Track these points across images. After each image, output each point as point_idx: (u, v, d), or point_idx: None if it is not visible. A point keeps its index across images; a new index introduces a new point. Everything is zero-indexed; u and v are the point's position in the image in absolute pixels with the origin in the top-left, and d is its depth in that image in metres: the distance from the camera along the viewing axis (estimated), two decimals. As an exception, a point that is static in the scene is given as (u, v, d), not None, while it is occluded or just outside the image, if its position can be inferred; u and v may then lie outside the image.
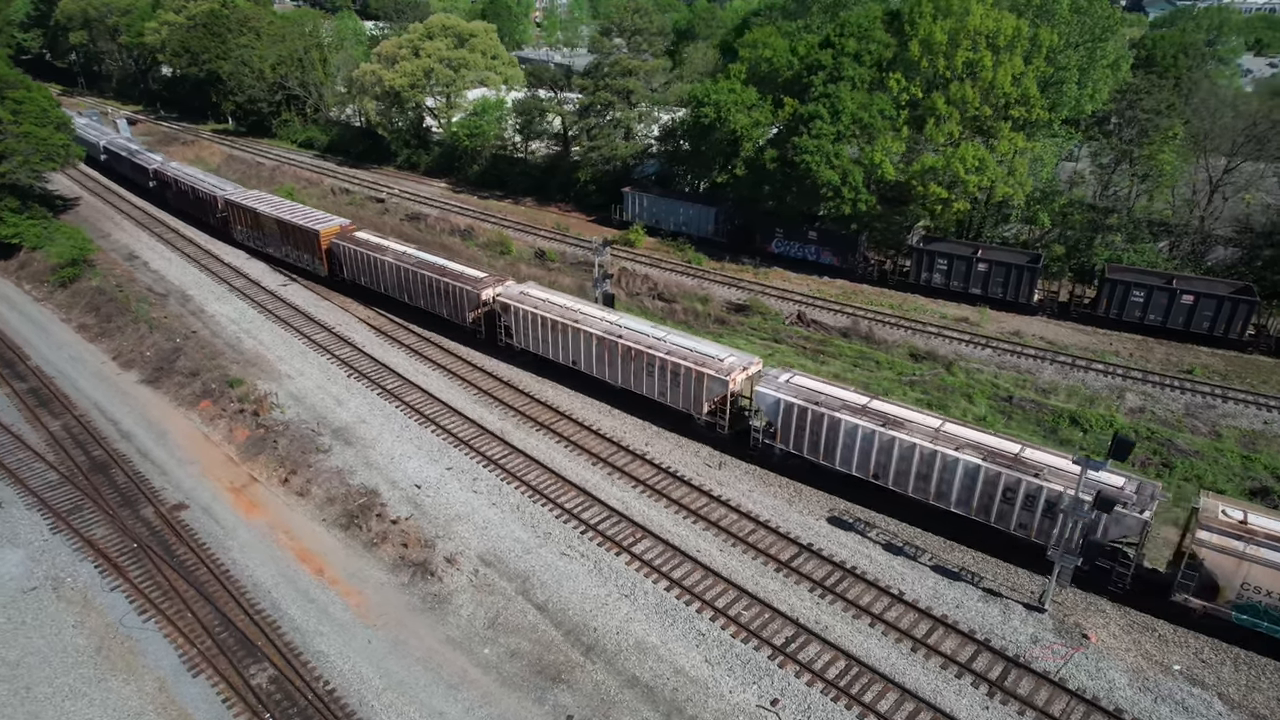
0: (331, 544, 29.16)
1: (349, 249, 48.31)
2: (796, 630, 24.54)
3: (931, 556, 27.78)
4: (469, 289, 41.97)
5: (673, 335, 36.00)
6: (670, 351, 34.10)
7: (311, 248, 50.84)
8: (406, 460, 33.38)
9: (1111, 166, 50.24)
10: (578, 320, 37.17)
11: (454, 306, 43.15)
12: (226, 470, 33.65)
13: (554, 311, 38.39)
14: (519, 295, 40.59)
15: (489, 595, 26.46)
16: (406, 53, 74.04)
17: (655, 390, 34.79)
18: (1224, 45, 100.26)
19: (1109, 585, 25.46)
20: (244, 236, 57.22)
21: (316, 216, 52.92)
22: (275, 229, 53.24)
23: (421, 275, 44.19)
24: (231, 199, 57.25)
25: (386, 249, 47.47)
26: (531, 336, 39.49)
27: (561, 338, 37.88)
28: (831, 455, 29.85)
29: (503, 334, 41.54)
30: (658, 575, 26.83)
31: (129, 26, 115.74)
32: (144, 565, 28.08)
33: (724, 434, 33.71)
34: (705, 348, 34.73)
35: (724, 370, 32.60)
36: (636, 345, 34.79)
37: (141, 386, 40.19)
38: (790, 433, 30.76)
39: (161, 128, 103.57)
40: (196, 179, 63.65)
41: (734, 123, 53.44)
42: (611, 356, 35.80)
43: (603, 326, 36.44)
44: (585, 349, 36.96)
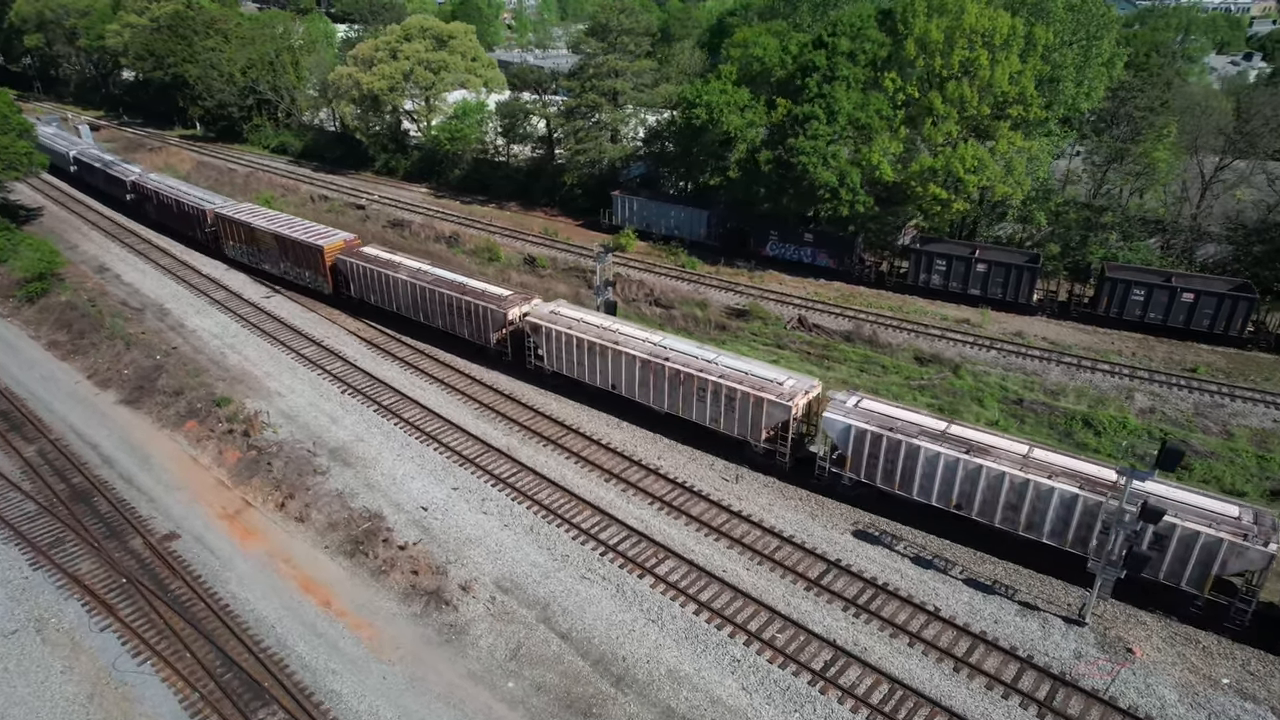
0: (337, 573, 27.64)
1: (357, 265, 45.58)
2: (835, 653, 23.61)
3: (962, 569, 27.04)
4: (494, 308, 39.54)
5: (724, 357, 33.67)
6: (724, 374, 31.82)
7: (314, 264, 48.07)
8: (410, 481, 31.92)
9: (1105, 165, 50.19)
10: (617, 341, 34.85)
11: (476, 327, 40.64)
12: (218, 495, 31.91)
13: (590, 332, 35.99)
14: (550, 315, 38.03)
15: (509, 624, 25.17)
16: (384, 55, 72.15)
17: (706, 416, 32.49)
18: (1193, 44, 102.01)
19: (1226, 623, 23.97)
20: (237, 253, 54.03)
21: (318, 230, 50.12)
22: (273, 244, 50.28)
23: (439, 294, 41.63)
24: (223, 213, 54.10)
25: (399, 265, 44.86)
26: (565, 359, 36.98)
27: (599, 360, 35.48)
28: (908, 485, 27.85)
29: (532, 356, 38.93)
30: (685, 598, 25.74)
31: (88, 29, 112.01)
32: (136, 602, 26.34)
33: (784, 463, 31.37)
34: (761, 370, 32.43)
35: (785, 394, 30.38)
36: (685, 368, 32.51)
37: (121, 407, 38.17)
38: (862, 461, 28.68)
39: (125, 134, 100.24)
40: (181, 191, 60.13)
41: (727, 124, 52.54)
42: (657, 380, 33.55)
43: (646, 348, 34.15)
44: (626, 372, 34.61)
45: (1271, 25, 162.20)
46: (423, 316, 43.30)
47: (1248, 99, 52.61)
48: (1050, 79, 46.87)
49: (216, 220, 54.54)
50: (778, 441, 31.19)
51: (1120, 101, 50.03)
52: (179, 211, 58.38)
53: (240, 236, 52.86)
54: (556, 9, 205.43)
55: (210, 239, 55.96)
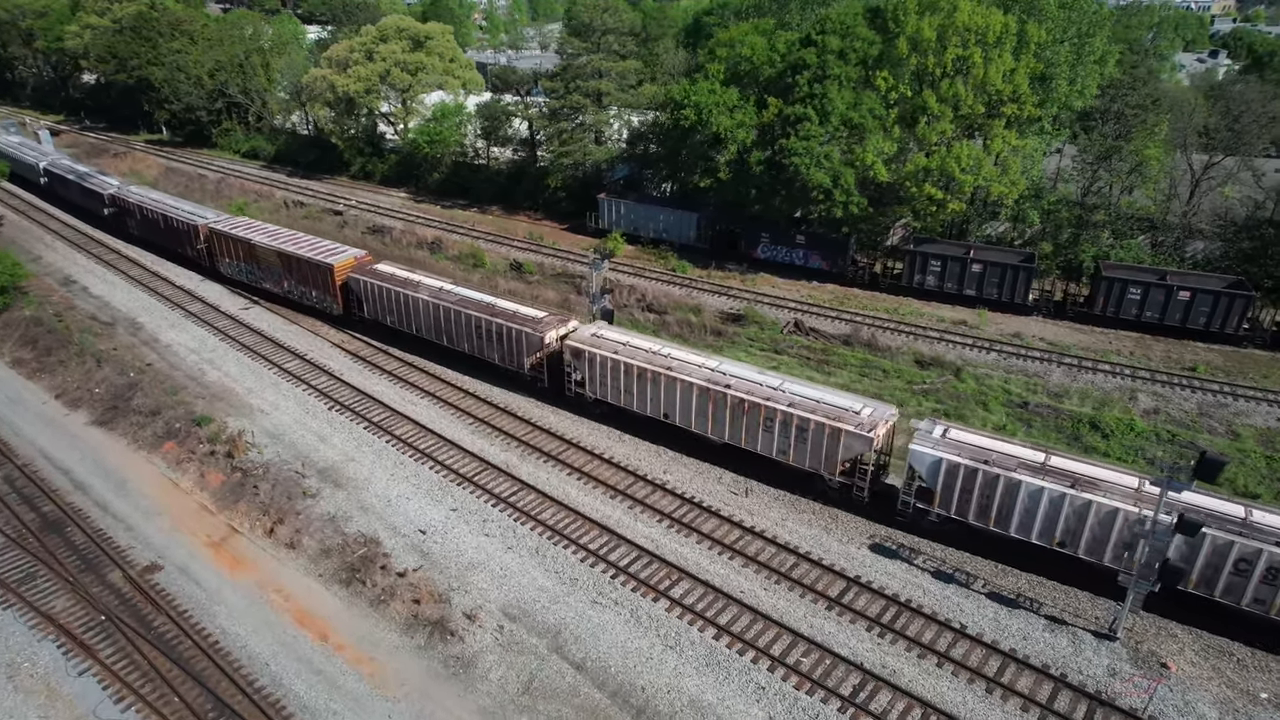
0: (333, 603, 26.16)
1: (371, 285, 42.55)
2: (863, 677, 22.66)
3: (985, 583, 26.25)
4: (528, 331, 36.58)
5: (790, 383, 31.07)
6: (793, 403, 29.39)
7: (323, 284, 44.85)
8: (405, 502, 30.47)
9: (1096, 163, 49.99)
10: (671, 368, 32.07)
11: (508, 351, 37.67)
12: (201, 521, 30.22)
13: (639, 357, 33.15)
14: (592, 338, 35.11)
15: (519, 655, 23.90)
16: (359, 56, 70.23)
17: (773, 448, 30.04)
18: (1162, 42, 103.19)
19: None
20: (234, 270, 50.45)
21: (325, 247, 46.98)
22: (275, 262, 46.95)
23: (466, 315, 38.60)
24: (218, 228, 50.44)
25: (419, 284, 41.64)
26: (611, 386, 34.08)
27: (651, 388, 32.63)
28: (1005, 522, 25.86)
29: (571, 383, 35.95)
30: (703, 621, 24.65)
31: (46, 30, 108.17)
32: (116, 642, 24.66)
33: (861, 497, 29.11)
34: (834, 398, 29.95)
35: (865, 425, 28.09)
36: (750, 397, 29.96)
37: (93, 429, 36.21)
38: (953, 497, 26.50)
39: (88, 139, 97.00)
40: (168, 205, 55.85)
41: (716, 125, 51.57)
42: (717, 409, 30.89)
43: (704, 374, 31.47)
44: (682, 400, 31.85)
45: (1232, 24, 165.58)
46: (446, 340, 40.35)
47: (1236, 96, 52.68)
48: (1043, 77, 46.54)
49: (211, 236, 51.01)
50: (855, 475, 28.88)
51: (1111, 99, 49.89)
52: (167, 227, 54.49)
53: (238, 253, 49.46)
54: (527, 9, 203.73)
55: (202, 256, 52.28)
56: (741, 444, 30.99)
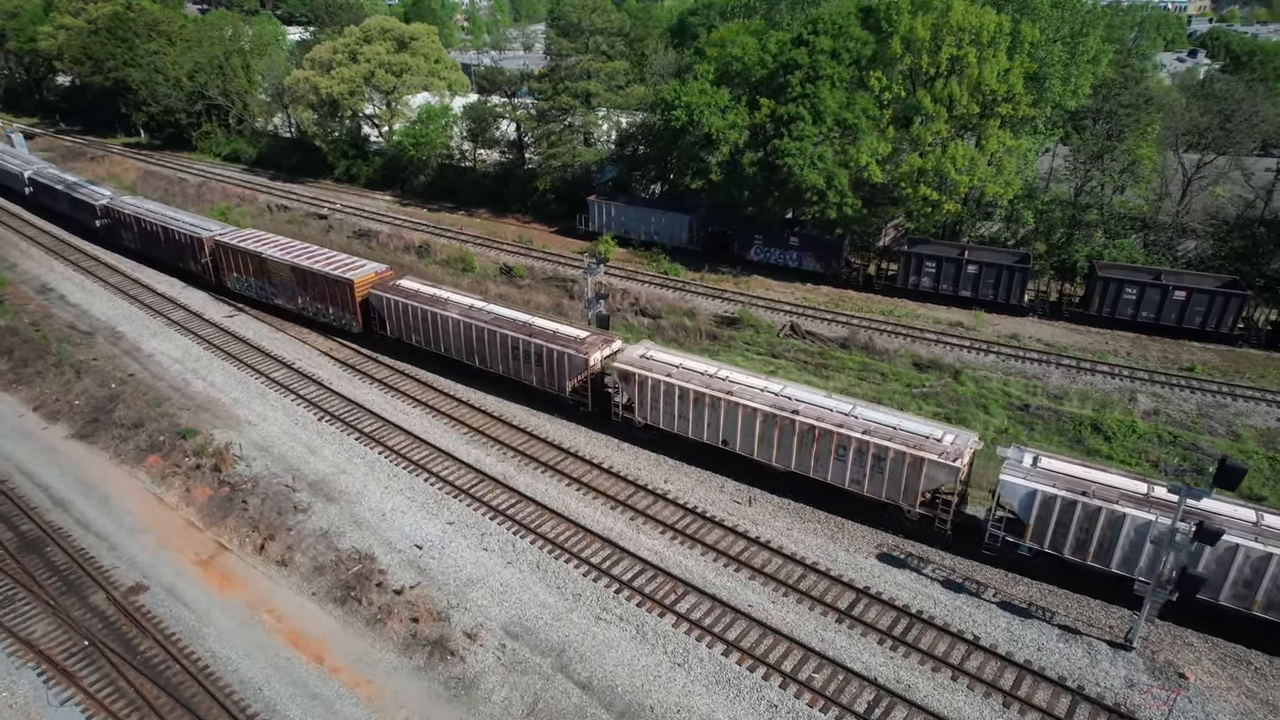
0: (327, 623, 25.27)
1: (395, 302, 40.31)
2: (878, 692, 22.09)
3: (995, 592, 25.79)
4: (571, 352, 34.51)
5: (862, 408, 29.27)
6: (869, 430, 27.69)
7: (342, 300, 42.59)
8: (400, 516, 29.60)
9: (1089, 162, 49.89)
10: (731, 391, 30.30)
11: (548, 373, 35.50)
12: (188, 538, 29.20)
13: (695, 380, 31.21)
14: (641, 360, 33.03)
15: (523, 675, 23.13)
16: (343, 57, 69.10)
17: (845, 478, 28.35)
18: (1145, 41, 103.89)
19: None
20: (242, 286, 47.93)
21: (343, 261, 44.60)
22: (289, 277, 44.59)
23: (501, 335, 36.45)
24: (224, 241, 47.98)
25: (448, 302, 39.50)
26: (663, 411, 32.07)
27: (708, 412, 30.71)
28: (1106, 556, 24.49)
29: (619, 407, 33.81)
30: (711, 637, 23.98)
31: (18, 31, 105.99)
32: (100, 668, 23.62)
33: (943, 530, 27.50)
34: (911, 424, 28.21)
35: (949, 453, 26.49)
36: (820, 423, 28.21)
37: (73, 442, 35.02)
38: (1047, 530, 24.98)
39: (63, 142, 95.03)
40: (167, 217, 52.92)
41: (708, 125, 51.00)
42: (783, 436, 29.11)
43: (768, 399, 29.68)
44: (744, 426, 29.99)
45: (1208, 23, 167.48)
46: (478, 360, 38.12)
47: (1228, 96, 52.79)
48: (1037, 76, 46.34)
49: (217, 249, 48.44)
50: (937, 506, 27.43)
51: (1104, 98, 49.80)
52: (167, 240, 51.53)
53: (247, 268, 46.92)
54: (509, 10, 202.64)
55: (206, 270, 49.55)
56: (809, 473, 29.15)
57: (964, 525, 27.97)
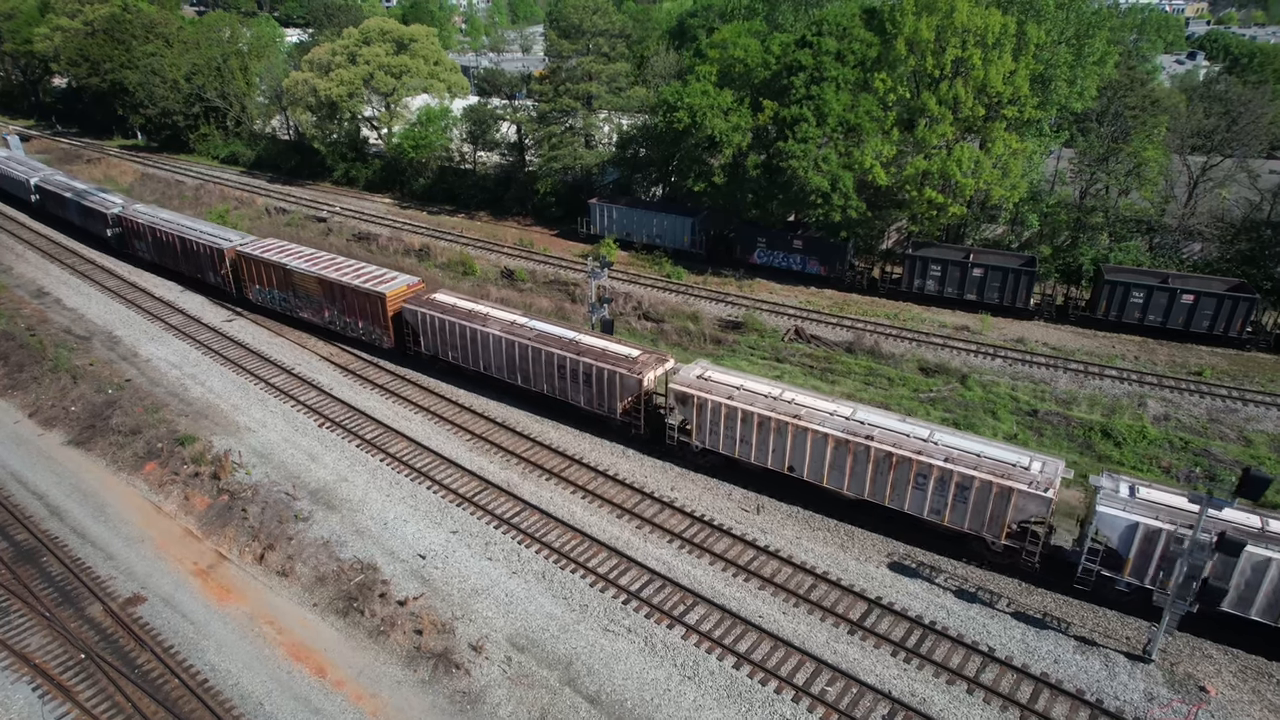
0: (330, 635, 24.77)
1: (430, 317, 38.49)
2: (892, 706, 21.64)
3: (1009, 602, 25.36)
4: (623, 373, 32.53)
5: (941, 433, 27.67)
6: (950, 457, 26.23)
7: (373, 314, 40.79)
8: (403, 525, 29.11)
9: (1095, 165, 49.53)
10: (798, 415, 28.65)
11: (598, 393, 33.69)
12: (187, 548, 28.68)
13: (758, 403, 29.49)
14: (699, 381, 31.23)
15: (529, 689, 22.65)
16: (342, 59, 68.58)
17: (925, 507, 26.89)
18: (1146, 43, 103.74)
19: None
20: (265, 298, 46.23)
21: (372, 273, 42.54)
22: (316, 290, 42.76)
23: (547, 353, 34.60)
24: (246, 251, 45.96)
25: (488, 317, 37.53)
26: (724, 435, 30.34)
27: (773, 437, 29.08)
28: None
29: (674, 430, 32.14)
30: (721, 650, 23.53)
31: (14, 33, 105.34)
32: (97, 682, 23.12)
33: (1031, 563, 26.05)
34: (996, 451, 26.65)
35: (1040, 482, 25.07)
36: (898, 450, 26.74)
37: (69, 449, 34.48)
38: (1149, 565, 23.58)
39: (60, 145, 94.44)
40: (184, 226, 50.90)
41: (711, 127, 50.60)
42: (856, 464, 27.67)
43: (840, 424, 28.14)
44: (813, 452, 28.44)
45: (1206, 25, 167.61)
46: (521, 379, 36.31)
47: (1235, 98, 52.47)
48: (1042, 78, 46.00)
49: (238, 260, 46.62)
50: (1025, 538, 25.90)
51: (1109, 100, 49.48)
52: (184, 250, 49.55)
53: (270, 280, 45.10)
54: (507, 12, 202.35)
55: (226, 282, 47.75)
56: (884, 502, 27.68)
57: (1055, 557, 26.45)
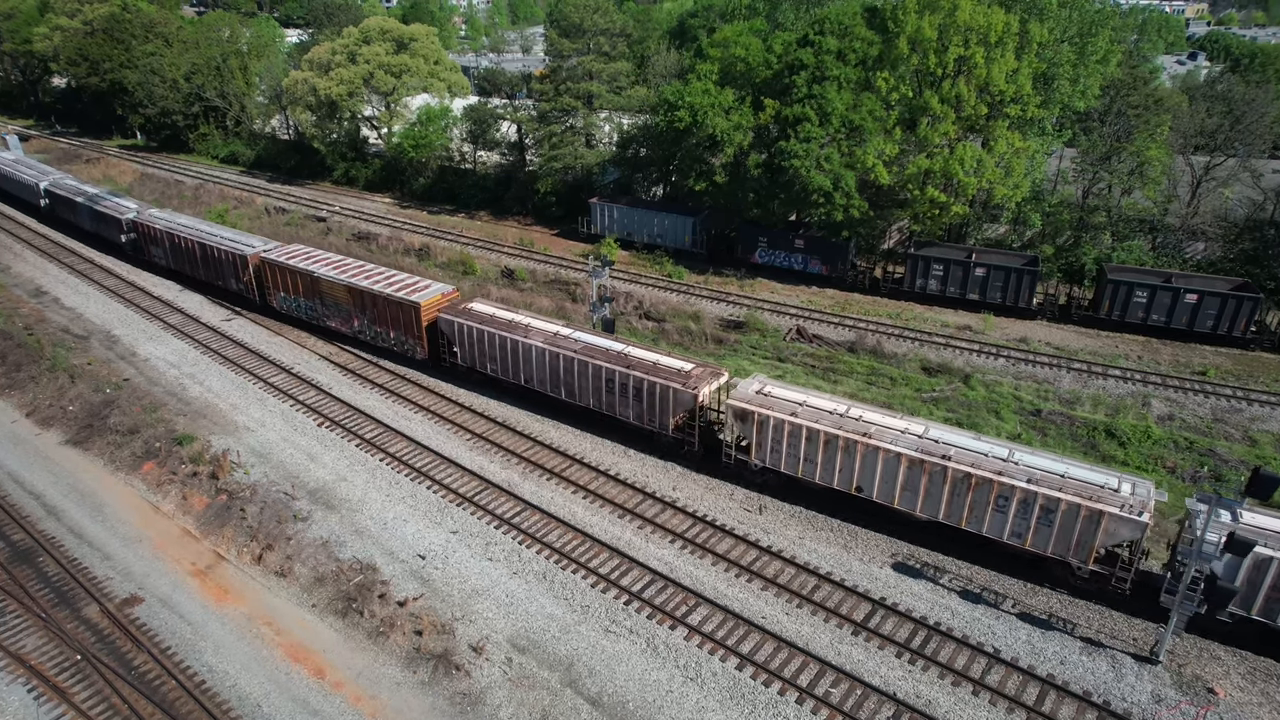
0: (328, 636, 24.53)
1: (469, 327, 37.03)
2: (897, 708, 21.40)
3: (1014, 603, 25.13)
4: (676, 387, 30.98)
5: (1021, 453, 26.41)
6: (1034, 479, 25.01)
7: (406, 324, 39.42)
8: (403, 525, 28.88)
9: (1098, 164, 49.33)
10: (868, 434, 27.32)
11: (648, 409, 32.15)
12: (185, 548, 28.45)
13: (824, 420, 28.13)
14: (759, 397, 29.79)
15: (530, 691, 22.42)
16: (342, 58, 68.40)
17: (1005, 530, 25.59)
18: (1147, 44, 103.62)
19: None
20: (290, 306, 44.87)
21: (403, 281, 41.09)
22: (344, 298, 41.44)
23: (594, 367, 33.14)
24: (270, 258, 44.53)
25: (530, 328, 36.06)
26: (786, 453, 28.86)
27: (842, 457, 27.71)
28: None
29: (731, 447, 30.53)
30: (724, 651, 23.29)
31: (13, 32, 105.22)
32: (93, 683, 22.89)
33: (1122, 589, 24.73)
34: (1082, 472, 25.35)
35: (1132, 506, 23.78)
36: (977, 470, 25.46)
37: (67, 449, 34.26)
38: (1257, 595, 22.40)
39: (59, 144, 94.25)
40: (203, 232, 49.44)
41: (712, 126, 50.39)
42: (931, 484, 26.43)
43: (913, 443, 26.87)
44: (884, 472, 27.17)
45: (1206, 26, 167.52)
46: (564, 393, 34.79)
47: (1239, 97, 52.25)
48: (1045, 77, 45.81)
49: (262, 267, 45.20)
50: (1115, 564, 24.76)
51: (1112, 99, 49.27)
52: (204, 256, 48.09)
53: (296, 287, 43.73)
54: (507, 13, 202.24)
55: (250, 289, 46.38)
56: (960, 524, 26.35)
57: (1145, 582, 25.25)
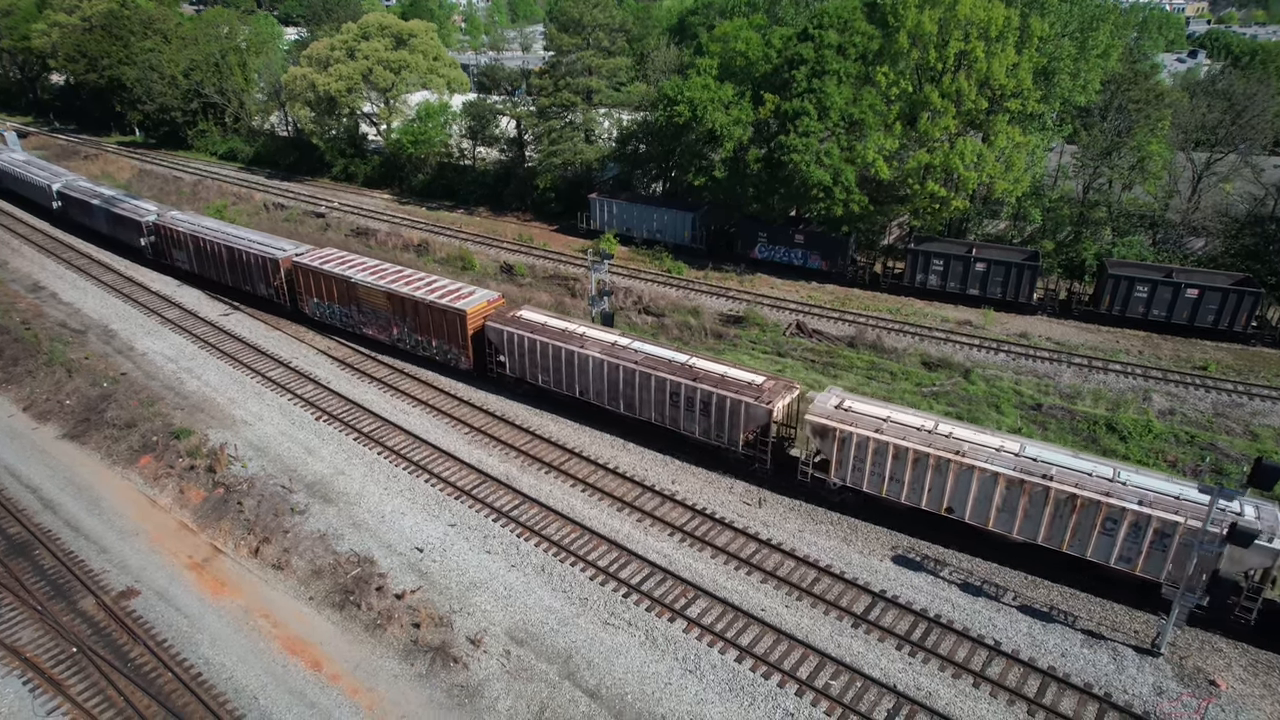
0: (326, 629, 24.40)
1: (519, 336, 35.18)
2: (897, 700, 21.29)
3: (1015, 595, 25.02)
4: (748, 401, 29.29)
5: (1129, 473, 25.07)
6: (1146, 500, 23.65)
7: (450, 333, 37.73)
8: (400, 518, 28.75)
9: (1099, 159, 49.21)
10: (961, 452, 25.95)
11: (716, 424, 30.43)
12: (182, 541, 28.32)
13: (912, 437, 26.68)
14: (839, 412, 28.23)
15: (528, 683, 22.29)
16: (341, 54, 68.24)
17: (1112, 555, 24.26)
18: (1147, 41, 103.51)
19: None
20: (323, 312, 43.26)
21: (447, 287, 39.33)
22: (383, 305, 39.84)
23: (657, 379, 31.38)
24: (303, 263, 42.86)
25: (585, 338, 34.23)
26: (869, 472, 27.51)
27: (931, 476, 26.29)
28: None
29: (808, 465, 29.11)
30: (723, 643, 23.17)
31: (11, 29, 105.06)
32: (89, 676, 22.76)
33: (1245, 620, 23.31)
34: (1194, 493, 23.69)
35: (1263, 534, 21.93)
36: (1082, 492, 23.99)
37: (64, 443, 34.12)
38: None
39: (58, 141, 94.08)
40: (230, 235, 47.77)
41: (711, 121, 50.24)
42: (1031, 505, 24.99)
43: (1010, 461, 25.41)
44: (978, 493, 25.75)
45: (1206, 24, 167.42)
46: (624, 406, 33.04)
47: (1241, 92, 52.11)
48: (1046, 71, 45.68)
49: (294, 271, 43.66)
50: (1242, 594, 23.37)
51: (1112, 94, 49.15)
52: (231, 260, 46.58)
53: (330, 293, 42.18)
54: (507, 11, 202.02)
55: (280, 294, 44.91)
56: (1062, 548, 24.95)
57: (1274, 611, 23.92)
